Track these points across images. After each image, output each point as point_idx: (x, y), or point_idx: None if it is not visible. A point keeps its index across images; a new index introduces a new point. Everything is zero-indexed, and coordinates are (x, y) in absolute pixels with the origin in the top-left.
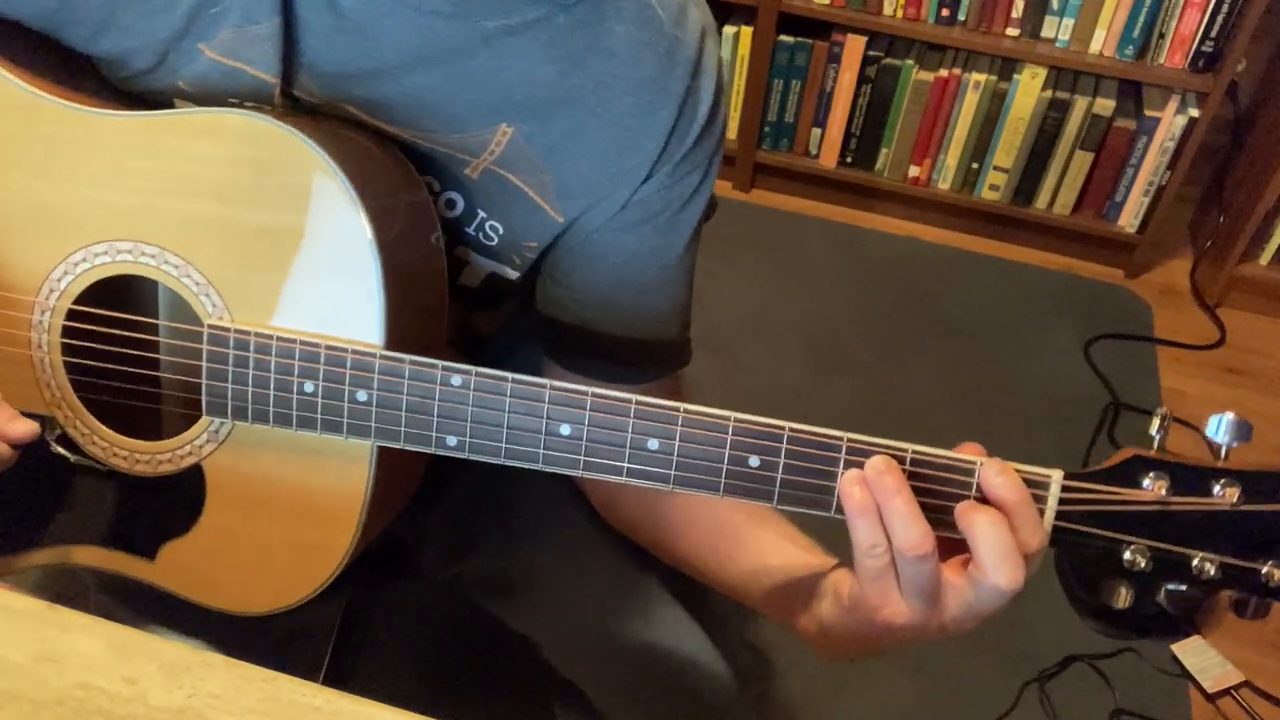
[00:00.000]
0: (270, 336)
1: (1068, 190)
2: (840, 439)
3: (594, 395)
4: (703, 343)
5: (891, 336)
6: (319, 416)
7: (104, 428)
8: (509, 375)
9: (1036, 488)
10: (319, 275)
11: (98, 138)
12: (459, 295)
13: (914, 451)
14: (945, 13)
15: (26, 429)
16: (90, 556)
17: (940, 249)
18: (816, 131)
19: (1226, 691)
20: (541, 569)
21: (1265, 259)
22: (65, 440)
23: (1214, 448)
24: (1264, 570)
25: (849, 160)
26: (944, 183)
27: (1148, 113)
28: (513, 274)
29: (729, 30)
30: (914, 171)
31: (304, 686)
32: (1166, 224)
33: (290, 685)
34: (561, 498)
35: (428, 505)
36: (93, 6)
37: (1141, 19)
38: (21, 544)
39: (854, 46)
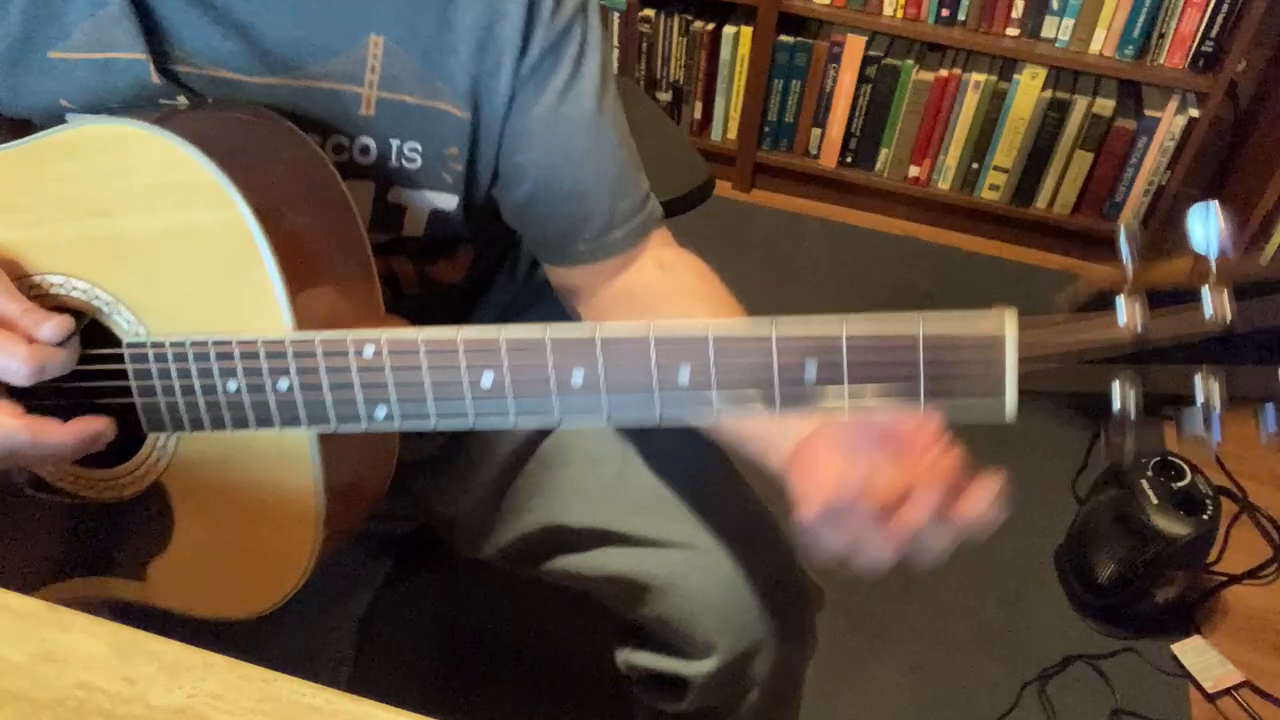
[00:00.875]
0: (183, 343)
1: (1068, 190)
2: (769, 333)
3: (506, 338)
4: None
5: None
6: (249, 414)
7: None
8: (419, 334)
9: (986, 342)
10: (215, 270)
11: None
12: (406, 249)
13: (849, 333)
14: (945, 13)
15: (59, 325)
16: (88, 587)
17: (940, 249)
18: (816, 131)
19: (1226, 691)
20: (578, 521)
21: (1265, 259)
22: (37, 481)
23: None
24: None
25: (849, 160)
26: (944, 183)
27: (1148, 113)
28: (451, 200)
29: (729, 30)
30: (914, 171)
31: (304, 686)
32: (1166, 224)
33: (290, 685)
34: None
35: (458, 492)
36: None
37: (1141, 19)
38: (25, 584)
39: (854, 46)
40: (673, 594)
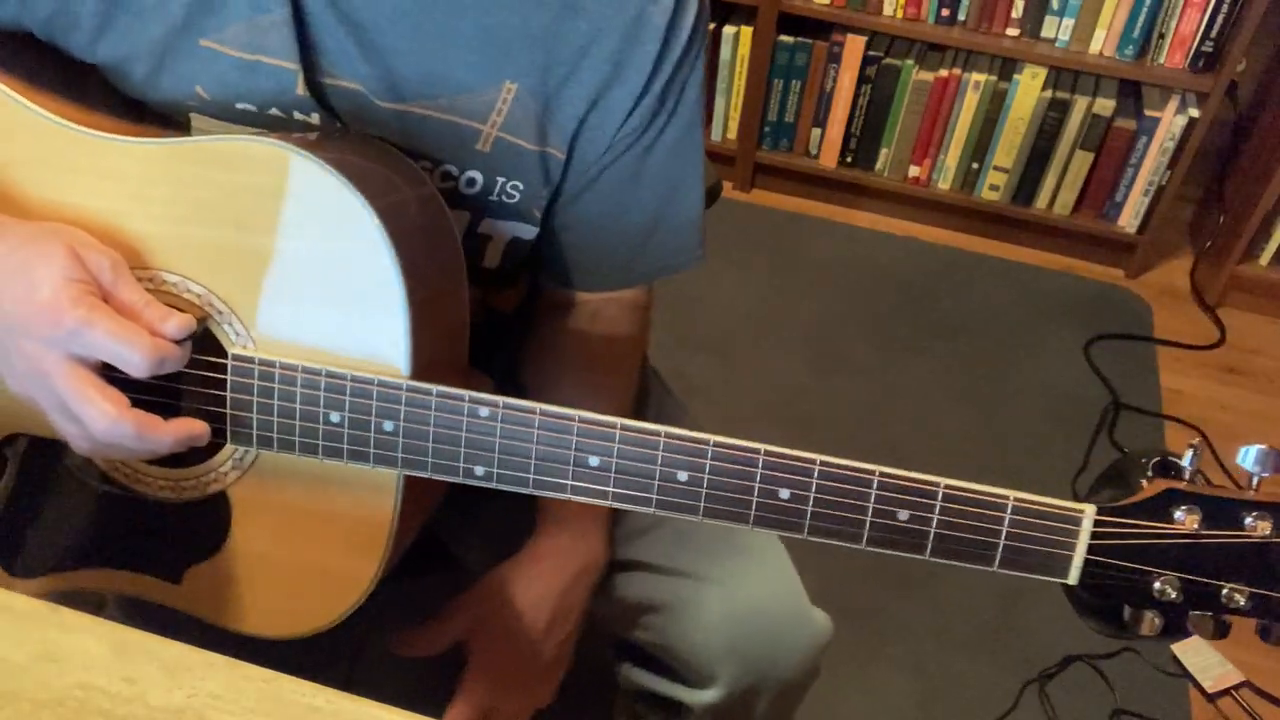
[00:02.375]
0: (295, 368)
1: (1068, 190)
2: (872, 473)
3: (623, 428)
4: (703, 343)
5: (891, 336)
6: (345, 447)
7: None
8: (537, 407)
9: (1068, 523)
10: (343, 305)
11: (117, 165)
12: (479, 278)
13: (945, 486)
14: (945, 13)
15: (182, 322)
16: (117, 582)
17: (940, 249)
18: (816, 131)
19: (1226, 691)
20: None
21: (1265, 259)
22: (90, 467)
23: (1243, 476)
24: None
25: (849, 160)
26: (944, 183)
27: (1148, 113)
28: (531, 231)
29: (729, 30)
30: (914, 171)
31: (304, 686)
32: (1166, 224)
33: (290, 685)
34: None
35: (470, 506)
36: (89, 10)
37: (1141, 19)
38: (48, 569)
39: (854, 46)
40: (681, 622)
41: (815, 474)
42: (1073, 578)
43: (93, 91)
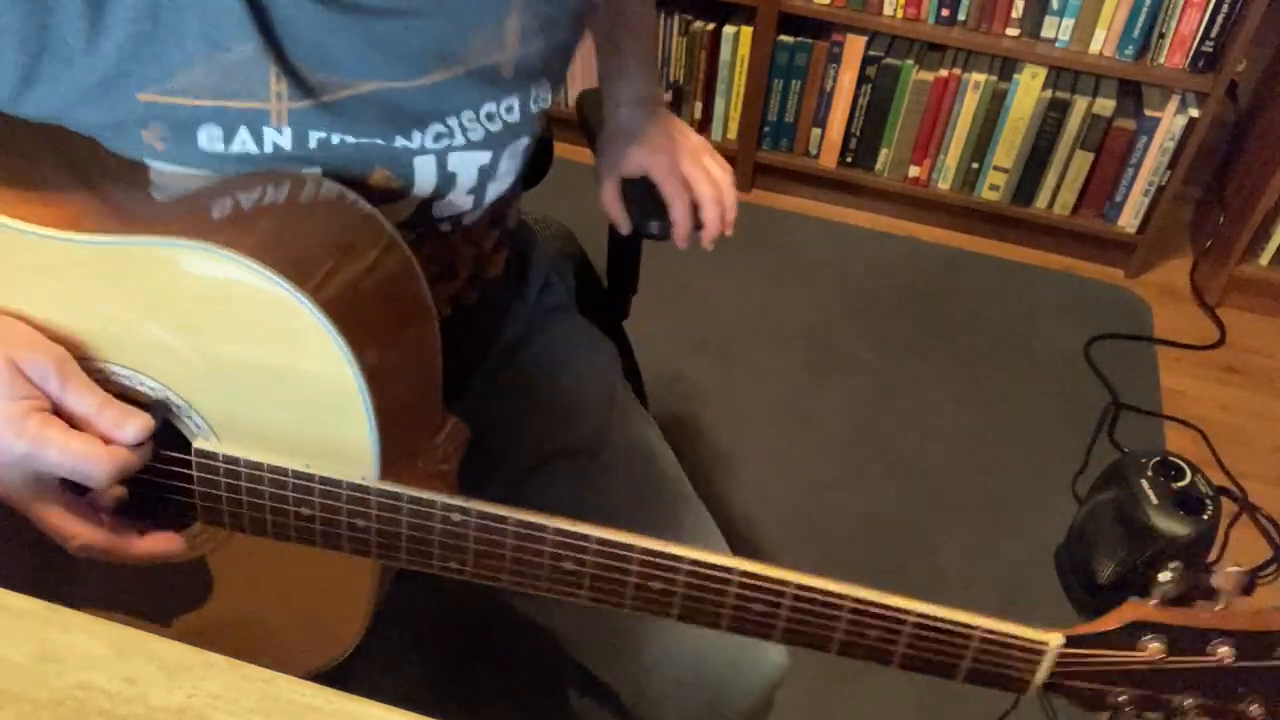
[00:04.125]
0: (261, 465)
1: (1068, 190)
2: (845, 598)
3: (598, 540)
4: (703, 343)
5: (891, 336)
6: (317, 538)
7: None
8: (509, 515)
9: (1032, 653)
10: (304, 407)
11: (56, 262)
12: (474, 240)
13: (917, 615)
14: (945, 13)
15: (140, 427)
16: (106, 615)
17: (940, 249)
18: (816, 131)
19: None
20: None
21: (1265, 259)
22: None
23: (1215, 592)
24: (1241, 708)
25: (849, 160)
26: (944, 183)
27: (1148, 113)
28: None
29: (729, 30)
30: (914, 171)
31: (304, 686)
32: (1166, 224)
33: (290, 685)
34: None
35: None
36: (8, 62)
37: (1141, 19)
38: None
39: (854, 46)
40: (623, 657)
41: (788, 596)
42: (1031, 694)
43: (41, 144)
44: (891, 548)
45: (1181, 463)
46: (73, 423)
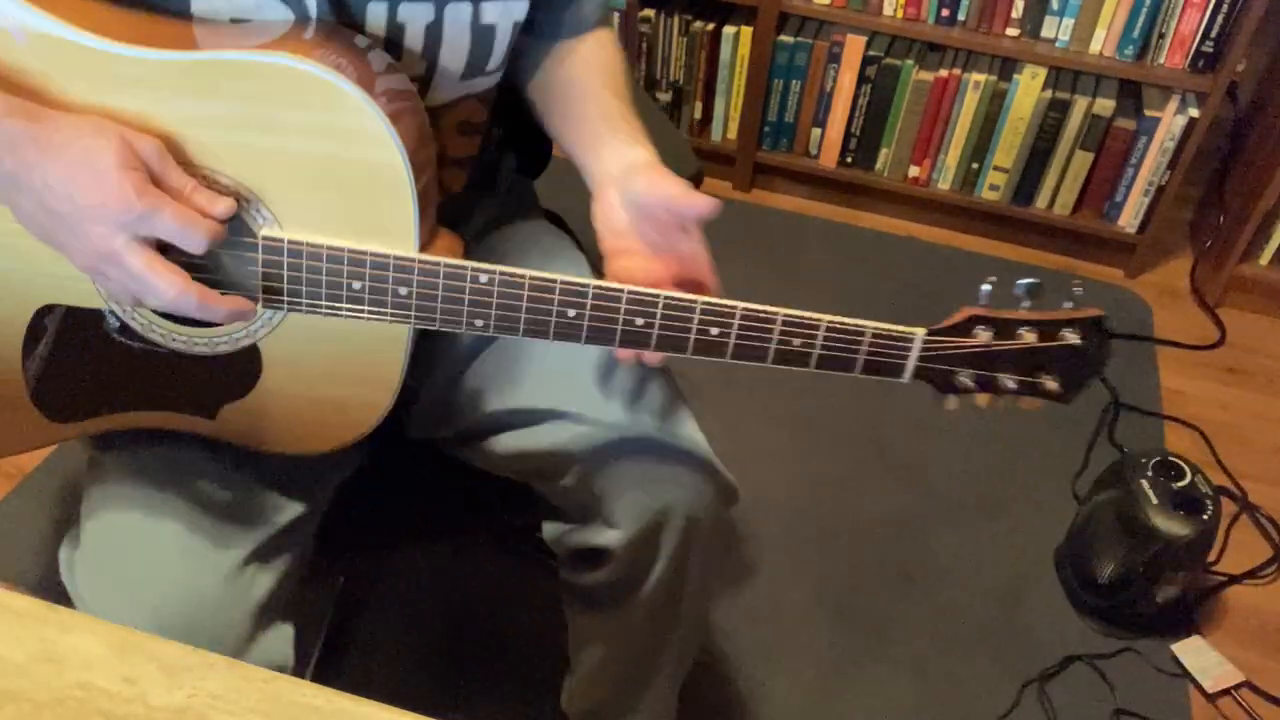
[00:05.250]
0: (320, 246)
1: (1068, 190)
2: (775, 314)
3: (595, 287)
4: None
5: None
6: (365, 309)
7: (161, 318)
8: (525, 274)
9: (904, 342)
10: (359, 195)
11: (134, 74)
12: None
13: (827, 322)
14: (945, 13)
15: (228, 205)
16: (153, 420)
17: (940, 249)
18: (816, 131)
19: (1226, 691)
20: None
21: (1265, 259)
22: (125, 330)
23: (1018, 299)
24: (1041, 380)
25: (849, 160)
26: (944, 183)
27: (1148, 113)
28: (522, 7)
29: (729, 30)
30: (914, 171)
31: (304, 686)
32: (1166, 224)
33: (290, 685)
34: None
35: (419, 377)
36: None
37: (1141, 19)
38: (87, 414)
39: (854, 46)
40: (599, 466)
41: (737, 316)
42: (906, 377)
43: None
44: (891, 548)
45: (1181, 463)
46: None
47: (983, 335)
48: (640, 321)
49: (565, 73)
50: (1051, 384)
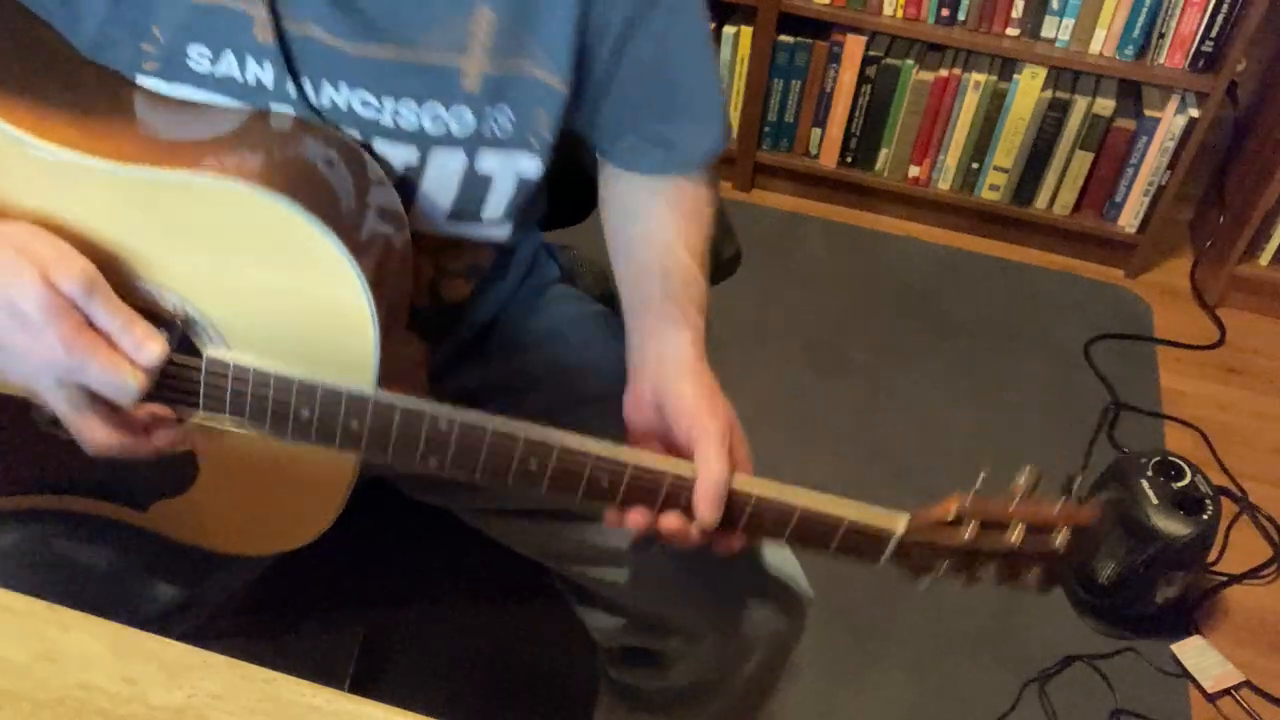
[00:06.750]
0: (268, 374)
1: (1068, 190)
2: (749, 497)
3: (560, 447)
4: None
5: (891, 336)
6: (311, 435)
7: None
8: (488, 423)
9: (883, 535)
10: (314, 324)
11: (79, 184)
12: (443, 260)
13: (801, 507)
14: (945, 13)
15: (161, 350)
16: (81, 505)
17: (940, 249)
18: (816, 131)
19: (1226, 691)
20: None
21: (1265, 259)
22: (56, 422)
23: (1016, 491)
24: (1025, 573)
25: (849, 160)
26: (944, 183)
27: (1148, 113)
28: (535, 166)
29: (729, 30)
30: (914, 171)
31: (304, 686)
32: (1166, 224)
33: (290, 685)
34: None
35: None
36: None
37: (1141, 19)
38: (20, 487)
39: (854, 46)
40: (665, 571)
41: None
42: (880, 565)
43: (33, 53)
44: None
45: (1181, 463)
46: None
47: (963, 533)
48: (606, 483)
49: (639, 230)
50: (1032, 578)
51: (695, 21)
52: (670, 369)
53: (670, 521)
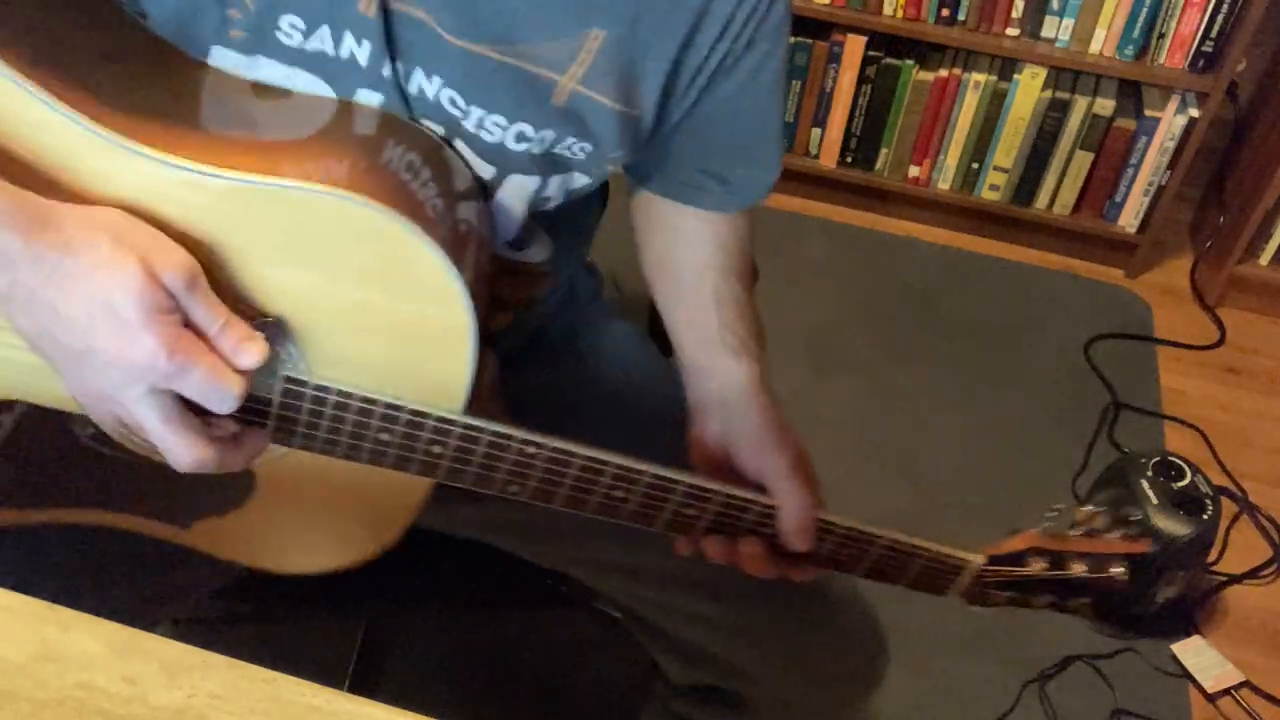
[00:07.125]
0: (352, 395)
1: (1068, 190)
2: (836, 525)
3: (650, 478)
4: None
5: (891, 336)
6: (389, 461)
7: None
8: (577, 451)
9: (958, 567)
10: (410, 348)
11: (173, 190)
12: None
13: (884, 540)
14: (945, 13)
15: (259, 353)
16: (123, 522)
17: (940, 249)
18: (816, 131)
19: (1226, 691)
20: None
21: (1265, 259)
22: (100, 436)
23: (1078, 524)
24: (1076, 604)
25: (849, 160)
26: (944, 183)
27: (1148, 113)
28: (589, 182)
29: None
30: (914, 171)
31: (304, 686)
32: (1166, 224)
33: (290, 685)
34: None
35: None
36: None
37: (1141, 19)
38: (53, 501)
39: (854, 46)
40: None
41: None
42: (953, 602)
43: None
44: None
45: (1181, 463)
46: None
47: (1036, 565)
48: (692, 511)
49: (689, 257)
50: (1085, 608)
51: (779, 65)
52: (736, 403)
53: (750, 548)
